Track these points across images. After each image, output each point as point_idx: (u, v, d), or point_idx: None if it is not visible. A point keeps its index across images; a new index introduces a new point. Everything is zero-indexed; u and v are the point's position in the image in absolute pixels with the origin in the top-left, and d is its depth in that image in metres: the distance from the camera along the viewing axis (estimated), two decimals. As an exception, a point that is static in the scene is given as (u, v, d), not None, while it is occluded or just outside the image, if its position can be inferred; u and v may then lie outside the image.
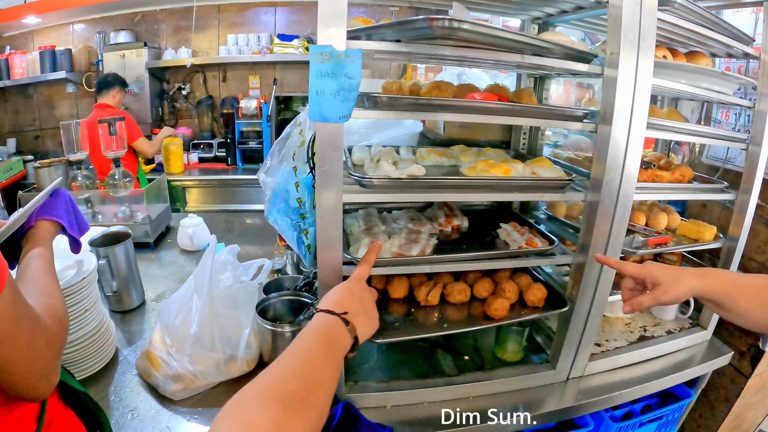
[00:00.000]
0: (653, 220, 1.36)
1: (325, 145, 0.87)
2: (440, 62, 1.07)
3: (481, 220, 1.38)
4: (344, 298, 0.80)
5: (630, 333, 1.41)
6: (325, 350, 0.69)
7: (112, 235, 1.49)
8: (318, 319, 0.76)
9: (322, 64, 0.82)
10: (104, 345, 1.21)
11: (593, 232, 1.07)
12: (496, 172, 1.05)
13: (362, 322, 0.79)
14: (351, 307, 0.79)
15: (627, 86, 0.98)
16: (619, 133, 1.01)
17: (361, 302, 0.81)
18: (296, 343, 0.68)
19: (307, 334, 0.71)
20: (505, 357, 1.24)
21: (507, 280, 1.18)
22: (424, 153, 1.27)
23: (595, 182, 1.06)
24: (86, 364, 1.16)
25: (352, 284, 0.84)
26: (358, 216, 1.28)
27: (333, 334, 0.73)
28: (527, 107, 0.96)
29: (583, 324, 1.17)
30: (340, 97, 0.84)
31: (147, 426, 1.03)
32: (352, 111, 0.86)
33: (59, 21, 3.67)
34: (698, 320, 1.48)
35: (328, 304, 0.79)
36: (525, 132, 1.45)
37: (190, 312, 1.17)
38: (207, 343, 1.14)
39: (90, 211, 1.92)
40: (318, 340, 0.70)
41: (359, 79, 0.84)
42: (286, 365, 0.63)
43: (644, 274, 0.86)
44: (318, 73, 0.82)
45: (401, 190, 0.96)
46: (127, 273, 1.47)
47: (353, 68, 0.83)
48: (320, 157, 0.87)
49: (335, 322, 0.75)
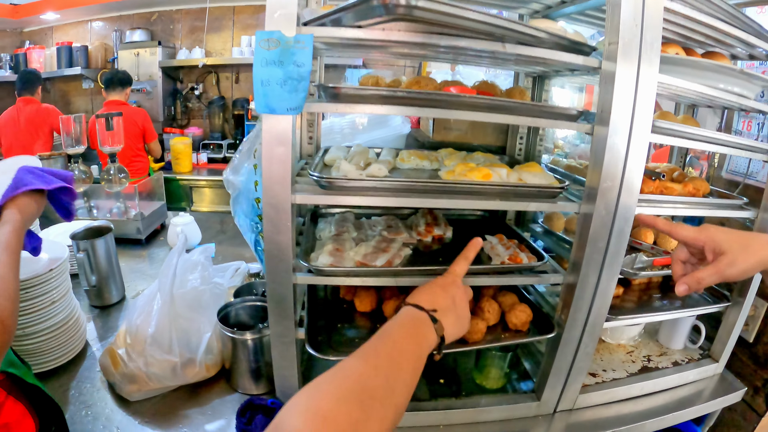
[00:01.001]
0: (662, 238, 1.20)
1: (270, 140, 0.79)
2: (405, 53, 0.97)
3: (469, 230, 1.26)
4: (436, 294, 0.76)
5: (631, 363, 1.25)
6: (410, 347, 0.65)
7: (95, 229, 1.48)
8: (405, 313, 0.71)
9: (269, 51, 0.74)
10: (70, 339, 1.18)
11: (586, 248, 0.94)
12: (474, 176, 0.94)
13: (451, 322, 0.74)
14: (441, 305, 0.74)
15: (627, 83, 0.85)
16: (618, 136, 0.88)
17: (453, 300, 0.76)
18: (381, 336, 0.64)
19: (393, 328, 0.67)
20: (485, 383, 1.12)
21: (488, 299, 1.06)
22: (405, 155, 1.17)
23: (590, 191, 0.93)
24: (49, 357, 1.13)
25: (448, 280, 0.80)
26: (333, 221, 1.20)
27: (420, 330, 0.69)
28: (507, 102, 0.84)
29: (573, 352, 1.03)
30: (287, 87, 0.76)
31: (98, 425, 1.00)
32: (303, 103, 0.78)
33: (78, 18, 3.81)
34: (710, 351, 1.31)
35: (418, 298, 0.74)
36: (521, 137, 1.32)
37: (152, 311, 1.13)
38: (165, 344, 1.09)
39: (86, 206, 1.93)
40: (404, 336, 0.66)
41: (309, 67, 0.76)
42: (368, 358, 0.59)
43: (703, 239, 0.71)
44: (263, 61, 0.75)
45: (361, 192, 0.87)
46: (107, 268, 1.44)
47: (303, 56, 0.75)
48: (265, 152, 0.80)
49: (423, 319, 0.70)
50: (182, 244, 1.22)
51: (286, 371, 0.96)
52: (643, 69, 0.85)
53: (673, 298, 1.21)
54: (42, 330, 1.10)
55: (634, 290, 1.26)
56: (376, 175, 0.86)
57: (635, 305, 1.20)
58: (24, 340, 1.07)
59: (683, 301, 1.21)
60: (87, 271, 1.39)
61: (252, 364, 1.10)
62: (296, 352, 0.94)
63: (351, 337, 1.01)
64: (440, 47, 0.81)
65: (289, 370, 0.95)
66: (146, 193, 2.00)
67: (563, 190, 0.97)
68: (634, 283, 1.26)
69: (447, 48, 0.83)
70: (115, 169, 1.85)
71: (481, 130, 1.36)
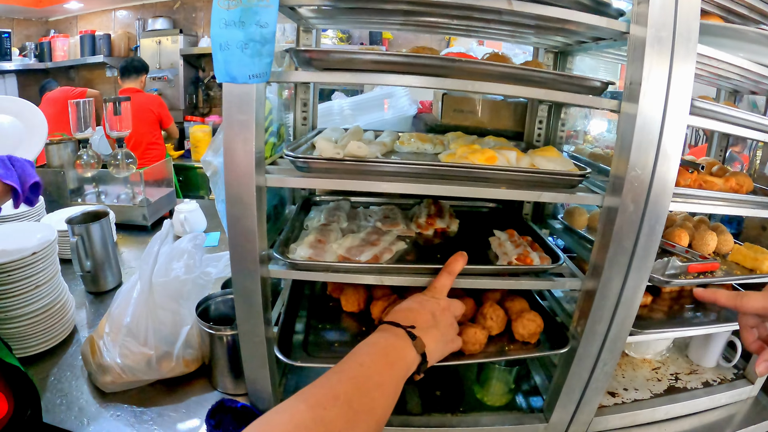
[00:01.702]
0: (699, 240, 1.02)
1: (232, 113, 0.69)
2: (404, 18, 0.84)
3: (478, 224, 1.13)
4: (413, 311, 0.71)
5: (657, 382, 1.08)
6: (380, 368, 0.59)
7: (92, 214, 1.45)
8: (379, 330, 0.67)
9: (228, 11, 0.64)
10: (55, 325, 1.15)
11: (609, 248, 0.79)
12: (476, 158, 0.81)
13: (433, 338, 0.68)
14: (420, 321, 0.69)
15: (661, 51, 0.70)
16: (650, 115, 0.72)
17: (433, 317, 0.71)
18: (347, 358, 0.60)
19: (361, 348, 0.62)
20: (487, 399, 0.98)
21: (492, 305, 0.92)
22: (405, 138, 1.05)
23: (616, 181, 0.78)
24: (32, 342, 1.11)
25: (426, 296, 0.74)
26: (325, 210, 1.09)
27: (394, 348, 0.63)
28: (507, 68, 0.70)
29: (589, 370, 0.88)
30: (249, 50, 0.65)
31: (70, 414, 0.96)
32: (269, 69, 0.68)
33: (102, 7, 3.90)
34: (745, 371, 1.12)
35: (394, 315, 0.70)
36: (541, 121, 1.16)
37: (130, 300, 1.07)
38: (140, 336, 1.03)
39: (95, 191, 1.92)
40: (373, 356, 0.61)
41: (274, 28, 0.65)
42: (328, 385, 0.55)
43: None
44: (221, 22, 0.65)
45: (339, 175, 0.76)
46: (102, 253, 1.41)
47: (267, 14, 0.64)
48: (226, 128, 0.70)
49: (399, 335, 0.65)
50: (166, 231, 1.15)
51: (256, 373, 0.86)
52: (680, 36, 0.69)
53: (707, 310, 1.03)
54: (25, 314, 1.07)
55: (664, 299, 1.08)
56: (356, 154, 0.74)
57: (664, 316, 1.03)
58: (5, 323, 1.05)
59: (719, 314, 1.02)
60: (81, 257, 1.36)
61: (231, 362, 1.02)
62: (266, 353, 0.84)
63: (330, 340, 0.91)
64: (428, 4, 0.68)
65: (259, 372, 0.86)
66: (154, 180, 1.97)
67: (584, 179, 0.82)
68: (664, 291, 1.08)
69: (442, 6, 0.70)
70: (122, 154, 1.83)
71: (495, 113, 1.21)
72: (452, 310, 0.75)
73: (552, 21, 0.73)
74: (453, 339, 0.74)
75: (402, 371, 0.62)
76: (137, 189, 1.88)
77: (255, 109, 0.69)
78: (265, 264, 0.81)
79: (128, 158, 1.85)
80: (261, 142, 0.73)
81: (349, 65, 0.70)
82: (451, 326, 0.73)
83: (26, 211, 1.54)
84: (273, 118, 0.98)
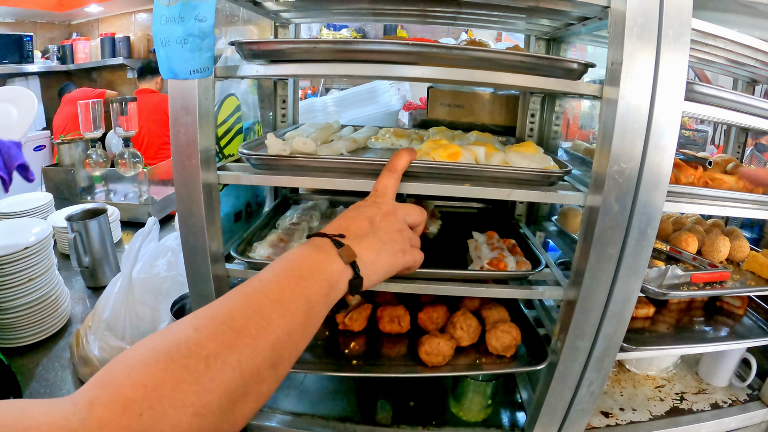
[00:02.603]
0: (709, 246, 0.90)
1: (177, 109, 0.67)
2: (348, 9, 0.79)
3: (464, 225, 1.05)
4: (347, 218, 0.58)
5: (659, 401, 0.97)
6: (284, 284, 0.47)
7: (92, 211, 1.49)
8: (299, 246, 0.54)
9: (168, 7, 0.62)
10: (48, 317, 1.19)
11: (590, 254, 0.70)
12: (437, 155, 0.74)
13: (368, 247, 0.55)
14: (352, 228, 0.56)
15: (645, 25, 0.61)
16: (635, 99, 0.64)
17: (371, 223, 0.58)
18: (251, 278, 0.48)
19: (272, 264, 0.50)
20: (462, 414, 0.91)
21: (464, 313, 0.85)
22: (381, 133, 1.00)
23: (597, 177, 0.69)
24: (24, 333, 1.14)
25: (366, 201, 0.62)
26: (299, 208, 1.06)
27: (309, 260, 0.51)
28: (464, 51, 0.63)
29: (572, 389, 0.79)
30: (188, 45, 0.63)
31: None
32: (210, 63, 0.65)
33: (121, 10, 4.04)
34: (760, 392, 0.99)
35: (325, 228, 0.57)
36: (533, 114, 1.07)
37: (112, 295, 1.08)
38: (118, 330, 1.05)
39: (105, 189, 1.99)
40: (279, 270, 0.49)
41: (212, 21, 0.62)
42: (217, 304, 0.44)
43: None
44: (162, 19, 0.63)
45: (289, 171, 0.72)
46: (100, 249, 1.45)
47: (205, 8, 0.62)
48: (173, 123, 0.67)
49: (321, 244, 0.53)
50: (149, 229, 1.16)
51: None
52: (670, 7, 0.60)
53: (720, 324, 0.91)
54: (18, 306, 1.11)
55: (671, 310, 0.98)
56: (301, 151, 0.70)
57: (670, 330, 0.92)
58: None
59: (732, 329, 0.90)
60: (80, 252, 1.39)
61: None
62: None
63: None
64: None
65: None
66: (161, 179, 2.02)
67: (563, 176, 0.74)
68: (671, 302, 0.97)
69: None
70: (129, 153, 1.89)
71: (485, 107, 1.14)
72: (400, 214, 0.61)
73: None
74: (403, 249, 0.59)
75: (320, 286, 0.49)
76: (143, 187, 1.93)
77: (198, 105, 0.66)
78: (220, 262, 0.78)
79: (134, 157, 1.90)
80: (209, 139, 0.70)
81: (284, 56, 0.66)
82: (399, 233, 0.59)
83: (35, 208, 1.61)
84: (243, 115, 0.95)
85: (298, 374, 1.00)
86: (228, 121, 0.86)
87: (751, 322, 0.99)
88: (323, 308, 0.49)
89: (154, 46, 0.65)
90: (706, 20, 0.68)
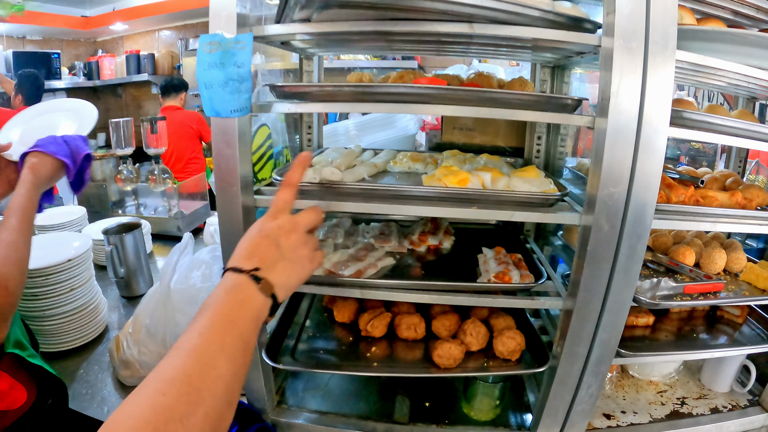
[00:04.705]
0: (706, 259, 0.96)
1: (219, 142, 0.77)
2: (367, 46, 0.89)
3: (476, 241, 1.13)
4: (255, 244, 0.62)
5: (660, 405, 1.03)
6: (222, 329, 0.53)
7: (126, 225, 1.61)
8: (221, 283, 0.58)
9: (210, 54, 0.73)
10: (87, 324, 1.29)
11: (584, 269, 0.78)
12: (449, 181, 0.84)
13: (281, 272, 0.60)
14: (264, 256, 0.60)
15: (630, 62, 0.69)
16: (621, 130, 0.72)
17: (278, 246, 0.62)
18: (188, 328, 0.53)
19: (202, 311, 0.54)
20: (473, 414, 0.99)
21: (473, 321, 0.93)
22: (399, 157, 1.09)
23: (590, 200, 0.77)
24: (65, 339, 1.25)
25: (267, 220, 0.64)
26: (325, 226, 1.16)
27: (236, 301, 0.56)
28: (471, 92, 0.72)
29: (572, 391, 0.87)
30: (228, 88, 0.73)
31: (93, 403, 1.08)
32: (248, 104, 0.75)
33: (146, 28, 4.21)
34: (760, 397, 1.03)
35: (235, 257, 0.61)
36: (539, 136, 1.16)
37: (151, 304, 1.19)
38: (158, 336, 1.14)
39: (135, 203, 2.12)
40: (213, 319, 0.53)
41: (248, 67, 0.73)
42: (167, 365, 0.49)
43: None
44: (205, 65, 0.73)
45: (318, 196, 0.82)
46: (135, 261, 1.56)
47: (242, 56, 0.72)
48: (215, 154, 0.78)
49: (241, 283, 0.57)
50: (185, 244, 1.26)
51: (250, 375, 0.94)
52: (654, 45, 0.68)
53: (719, 332, 0.97)
54: (60, 314, 1.21)
55: (672, 319, 1.04)
56: (329, 179, 0.80)
57: (671, 338, 0.98)
58: (43, 321, 1.19)
59: (731, 337, 0.96)
60: (116, 264, 1.50)
61: (236, 365, 1.11)
62: (259, 357, 0.91)
63: (317, 347, 0.97)
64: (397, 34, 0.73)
65: (252, 373, 0.94)
66: (189, 193, 2.14)
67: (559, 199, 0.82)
68: (672, 311, 1.04)
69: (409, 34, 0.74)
70: (159, 169, 2.02)
71: (495, 130, 1.23)
72: (301, 227, 0.65)
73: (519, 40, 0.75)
74: (310, 259, 0.64)
75: (249, 321, 0.55)
76: (172, 202, 2.05)
77: (238, 139, 0.76)
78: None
79: (164, 173, 2.03)
80: (247, 168, 0.81)
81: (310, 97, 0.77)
82: (303, 246, 0.63)
83: (70, 221, 1.73)
84: (273, 141, 1.06)
85: (323, 376, 1.10)
86: (261, 149, 0.97)
87: (750, 331, 1.04)
88: (254, 336, 0.56)
89: (198, 88, 0.75)
90: (696, 50, 0.75)
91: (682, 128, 0.78)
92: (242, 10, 0.74)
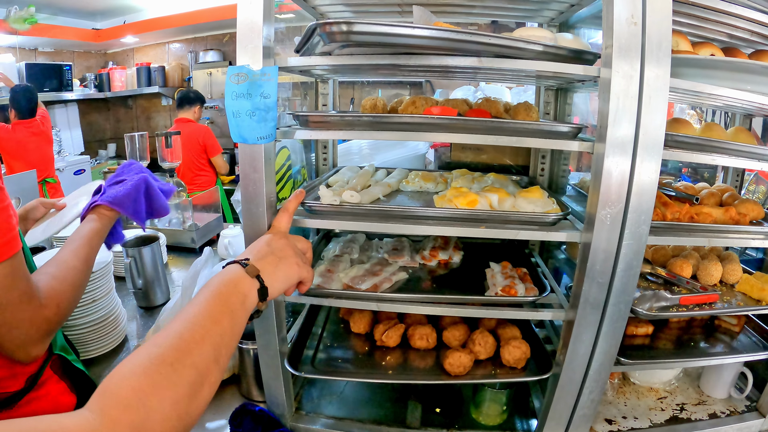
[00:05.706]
0: (703, 271, 1.02)
1: (246, 166, 0.84)
2: (381, 73, 0.96)
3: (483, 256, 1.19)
4: (251, 246, 0.77)
5: (660, 411, 1.08)
6: (214, 301, 0.63)
7: (144, 238, 1.67)
8: (218, 274, 0.70)
9: (238, 85, 0.80)
10: (108, 333, 1.34)
11: (584, 282, 0.84)
12: (459, 202, 0.90)
13: (269, 263, 0.72)
14: (256, 251, 0.74)
15: (626, 91, 0.75)
16: (618, 155, 0.78)
17: (269, 245, 0.76)
18: (189, 304, 0.63)
19: (198, 293, 0.65)
20: (481, 419, 1.05)
21: (482, 332, 0.99)
22: (411, 177, 1.16)
23: (589, 219, 0.83)
24: (87, 347, 1.30)
25: (264, 236, 0.79)
26: (341, 241, 1.22)
27: (228, 282, 0.67)
28: (479, 122, 0.79)
29: (574, 397, 0.92)
30: (255, 117, 0.80)
31: None
32: (274, 131, 0.82)
33: (156, 41, 4.30)
34: (757, 403, 1.08)
35: (237, 257, 0.74)
36: (544, 156, 1.22)
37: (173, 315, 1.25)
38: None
39: (149, 215, 2.18)
40: (203, 293, 0.64)
41: (275, 98, 0.79)
42: (163, 329, 0.59)
43: None
44: (233, 95, 0.80)
45: (338, 216, 0.88)
46: (152, 273, 1.61)
47: (269, 87, 0.79)
48: (243, 177, 0.85)
49: (232, 268, 0.69)
50: (206, 257, 1.33)
51: (272, 381, 1.00)
52: (649, 74, 0.74)
53: (716, 341, 1.03)
54: (82, 324, 1.27)
55: (671, 329, 1.09)
56: (348, 201, 0.87)
57: (671, 346, 1.04)
58: (66, 330, 1.24)
59: (728, 345, 1.01)
60: (134, 275, 1.56)
61: (256, 373, 1.16)
62: (280, 365, 0.97)
63: (336, 356, 1.03)
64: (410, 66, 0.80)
65: (274, 380, 1.00)
66: (203, 206, 2.21)
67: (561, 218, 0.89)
68: (672, 321, 1.09)
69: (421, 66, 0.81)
70: (173, 183, 2.08)
71: (501, 149, 1.29)
72: (291, 240, 0.79)
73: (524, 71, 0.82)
74: (297, 263, 0.75)
75: (236, 298, 0.65)
76: (186, 214, 2.12)
77: (264, 163, 0.83)
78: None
79: (179, 186, 2.10)
80: (271, 189, 0.87)
81: (330, 126, 0.83)
82: (291, 249, 0.76)
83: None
84: (292, 162, 1.13)
85: (339, 384, 1.15)
86: (282, 169, 1.04)
87: (747, 339, 1.09)
88: (243, 313, 0.66)
89: (227, 116, 0.82)
90: (691, 76, 0.81)
91: (676, 150, 0.84)
92: (267, 44, 0.81)
